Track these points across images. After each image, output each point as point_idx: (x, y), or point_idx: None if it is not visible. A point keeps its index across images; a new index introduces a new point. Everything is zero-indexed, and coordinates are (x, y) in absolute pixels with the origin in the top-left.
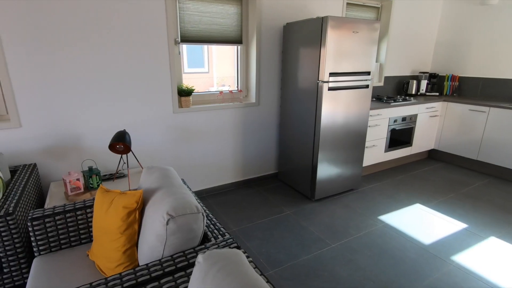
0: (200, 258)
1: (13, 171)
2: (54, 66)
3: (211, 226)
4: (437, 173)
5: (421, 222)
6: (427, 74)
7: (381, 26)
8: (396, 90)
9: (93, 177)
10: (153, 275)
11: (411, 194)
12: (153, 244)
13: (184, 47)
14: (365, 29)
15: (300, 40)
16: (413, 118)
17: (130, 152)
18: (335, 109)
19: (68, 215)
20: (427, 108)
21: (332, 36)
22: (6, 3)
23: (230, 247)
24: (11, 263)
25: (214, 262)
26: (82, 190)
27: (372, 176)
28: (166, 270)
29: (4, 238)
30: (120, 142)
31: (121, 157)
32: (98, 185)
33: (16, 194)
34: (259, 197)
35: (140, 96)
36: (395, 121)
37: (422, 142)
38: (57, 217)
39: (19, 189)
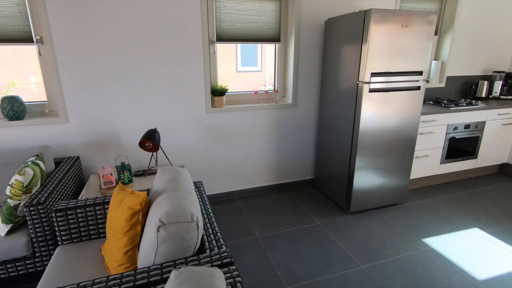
0: (172, 274)
1: (58, 162)
2: (97, 68)
3: (211, 235)
4: (507, 193)
5: (477, 251)
6: (503, 74)
7: (444, 18)
8: (461, 92)
9: (124, 173)
10: (137, 283)
11: (469, 215)
12: (146, 249)
13: (238, 46)
14: (417, 22)
15: (341, 36)
16: (479, 126)
17: (160, 150)
18: (377, 112)
19: (88, 209)
20: (499, 114)
21: (375, 32)
22: (59, 12)
23: (222, 262)
24: (42, 249)
25: (183, 281)
26: (114, 184)
27: (423, 190)
28: (151, 279)
29: (36, 225)
30: (149, 140)
31: (152, 154)
32: (129, 181)
33: (51, 185)
34: (290, 204)
35: (174, 95)
36: (455, 128)
37: (490, 154)
38: (78, 210)
39: (56, 180)
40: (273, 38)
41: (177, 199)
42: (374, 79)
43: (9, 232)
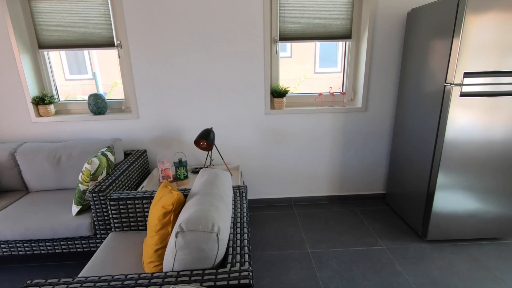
0: None
1: (127, 154)
2: (165, 69)
3: (238, 248)
4: None
5: None
6: None
7: None
8: None
9: (180, 169)
10: None
11: None
12: (168, 253)
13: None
14: None
15: (427, 29)
16: None
17: (214, 149)
18: (474, 121)
19: (137, 201)
20: None
21: (473, 22)
22: (134, 20)
23: (240, 282)
24: (102, 232)
25: None
26: (171, 179)
27: None
28: (163, 286)
29: (97, 210)
30: (203, 140)
31: (208, 153)
32: (185, 177)
33: (115, 175)
34: (353, 219)
35: (233, 96)
36: None
37: None
38: (128, 202)
39: (119, 171)
40: (343, 35)
41: (203, 205)
42: (469, 80)
43: (78, 213)
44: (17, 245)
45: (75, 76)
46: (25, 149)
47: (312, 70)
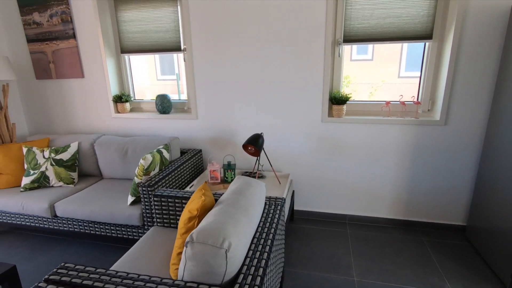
0: None
1: (183, 152)
2: (222, 72)
3: (252, 268)
4: None
5: None
6: None
7: None
8: None
9: (228, 172)
10: None
11: None
12: (182, 261)
13: (405, 46)
14: None
15: None
16: None
17: (262, 154)
18: None
19: (177, 200)
20: None
21: None
22: (199, 27)
23: None
24: (148, 224)
25: None
26: (219, 181)
27: None
28: None
29: (146, 203)
30: (251, 145)
31: (257, 158)
32: (232, 180)
33: (165, 172)
34: (416, 251)
35: (289, 100)
36: None
37: None
38: (169, 200)
39: (171, 168)
40: (422, 35)
41: (222, 216)
42: None
43: (132, 203)
44: (84, 224)
45: (166, 76)
46: (102, 140)
47: (395, 74)
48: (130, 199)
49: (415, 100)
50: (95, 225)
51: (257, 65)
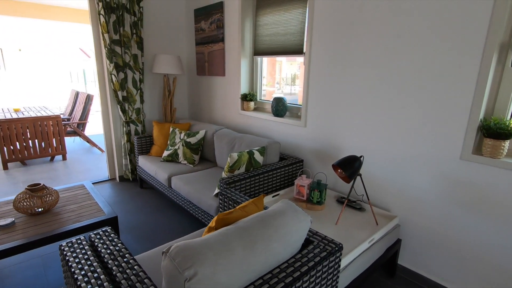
0: None
1: (283, 159)
2: (337, 85)
3: None
4: None
5: None
6: None
7: None
8: None
9: (315, 192)
10: None
11: None
12: None
13: None
14: None
15: None
16: None
17: (355, 183)
18: None
19: (235, 204)
20: None
21: None
22: (320, 32)
23: None
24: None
25: None
26: (304, 198)
27: None
28: None
29: (221, 198)
30: (340, 168)
31: (352, 184)
32: (318, 202)
33: (250, 174)
34: None
35: (414, 124)
36: None
37: None
38: (230, 201)
39: (258, 172)
40: None
41: (213, 238)
42: None
43: (216, 195)
44: (184, 201)
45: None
46: (220, 132)
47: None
48: (216, 190)
49: None
50: (190, 205)
51: (377, 78)
